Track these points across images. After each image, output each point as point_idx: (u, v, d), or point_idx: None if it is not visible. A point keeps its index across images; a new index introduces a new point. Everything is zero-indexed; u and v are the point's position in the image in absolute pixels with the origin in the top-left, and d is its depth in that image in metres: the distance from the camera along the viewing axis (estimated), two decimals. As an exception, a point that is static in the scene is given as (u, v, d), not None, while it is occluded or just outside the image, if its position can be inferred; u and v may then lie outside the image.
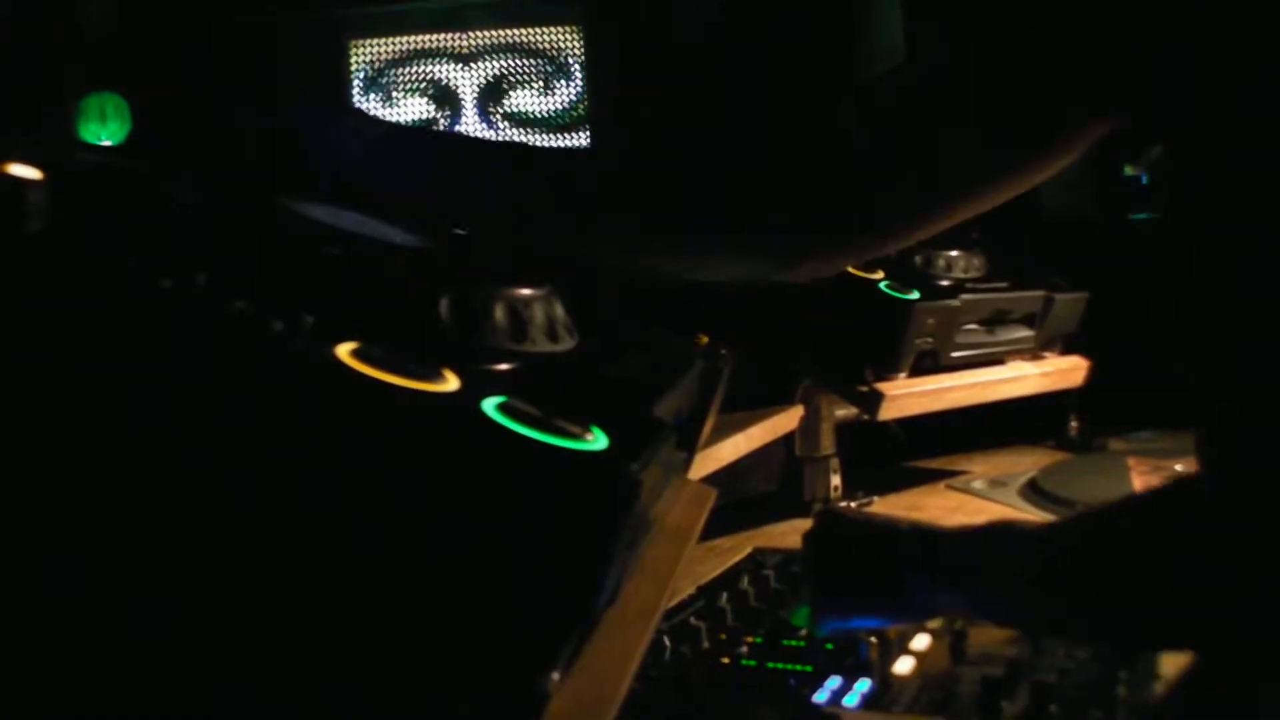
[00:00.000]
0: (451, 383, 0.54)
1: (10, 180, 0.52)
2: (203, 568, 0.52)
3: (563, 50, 4.44)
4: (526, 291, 0.72)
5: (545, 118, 4.38)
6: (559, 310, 0.76)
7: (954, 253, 1.74)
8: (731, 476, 1.44)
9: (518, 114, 4.37)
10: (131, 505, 0.51)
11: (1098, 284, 1.98)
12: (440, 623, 0.52)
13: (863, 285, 1.60)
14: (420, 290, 0.66)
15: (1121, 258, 2.41)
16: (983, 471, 1.93)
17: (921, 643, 1.11)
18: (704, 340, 1.00)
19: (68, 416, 0.51)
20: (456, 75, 4.34)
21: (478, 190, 0.97)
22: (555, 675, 0.54)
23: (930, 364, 1.70)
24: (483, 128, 4.40)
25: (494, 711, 0.53)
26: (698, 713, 1.01)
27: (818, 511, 1.13)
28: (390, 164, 0.97)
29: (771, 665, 1.08)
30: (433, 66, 4.34)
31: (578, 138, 4.44)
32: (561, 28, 4.47)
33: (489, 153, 0.99)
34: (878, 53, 3.20)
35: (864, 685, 1.02)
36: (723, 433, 1.40)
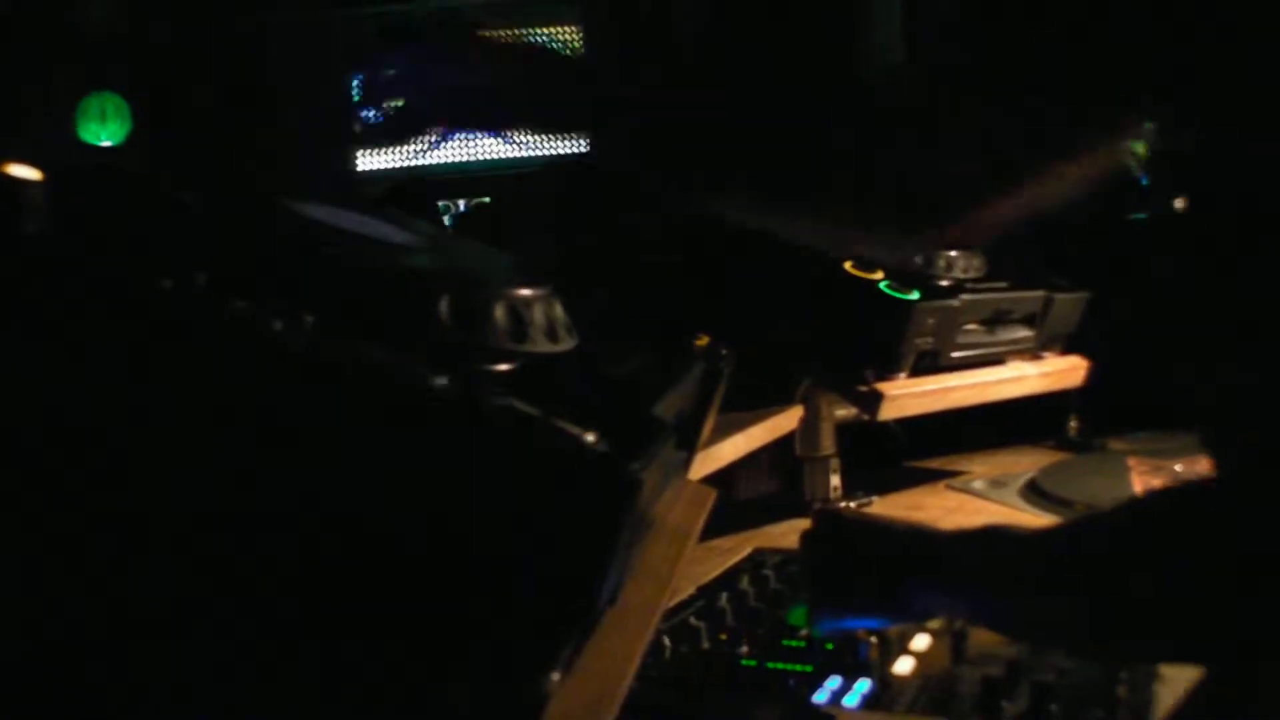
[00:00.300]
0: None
1: (10, 180, 0.52)
2: (201, 567, 0.52)
3: (562, 50, 4.44)
4: (526, 292, 0.72)
5: (545, 118, 4.38)
6: (559, 310, 0.76)
7: (954, 253, 1.74)
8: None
9: (517, 114, 4.36)
10: (131, 505, 0.51)
11: (1098, 284, 1.98)
12: (441, 622, 0.52)
13: (863, 285, 1.60)
14: (421, 290, 0.66)
15: (1121, 258, 2.41)
16: (983, 471, 1.93)
17: (921, 643, 1.11)
18: (704, 340, 1.00)
19: (68, 416, 0.51)
20: (455, 75, 4.34)
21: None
22: (555, 675, 0.54)
23: (930, 364, 1.69)
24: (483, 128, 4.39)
25: (494, 711, 0.53)
26: (698, 713, 1.01)
27: (816, 512, 1.13)
28: None
29: (771, 665, 1.08)
30: (432, 66, 4.34)
31: (578, 139, 4.44)
32: (561, 28, 4.47)
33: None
34: (878, 53, 3.20)
35: (864, 685, 1.02)
36: (723, 433, 1.40)
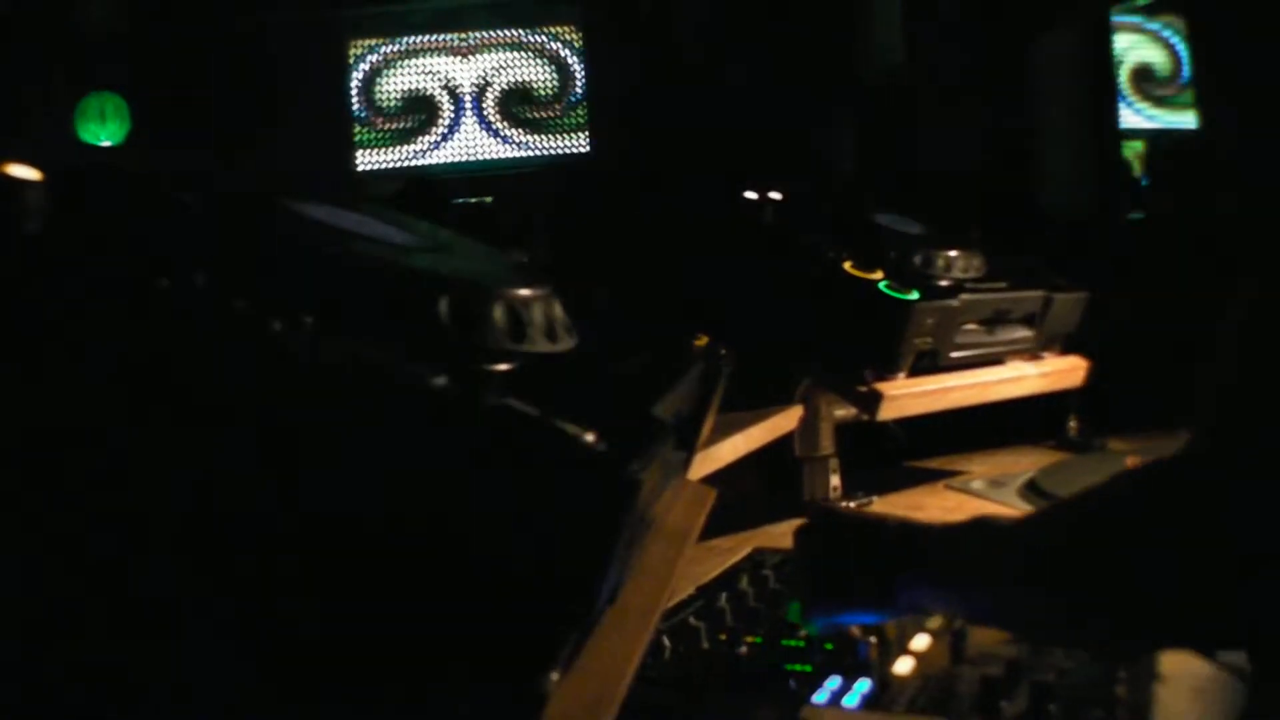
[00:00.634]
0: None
1: (10, 180, 0.52)
2: (200, 567, 0.52)
3: (563, 50, 4.44)
4: (526, 292, 0.72)
5: (545, 119, 4.38)
6: (558, 310, 0.76)
7: (954, 253, 1.74)
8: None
9: (517, 115, 4.37)
10: (131, 505, 0.51)
11: (1098, 284, 1.98)
12: (440, 622, 0.52)
13: (862, 285, 1.60)
14: (421, 290, 0.66)
15: (1121, 258, 2.42)
16: (982, 471, 1.93)
17: (921, 643, 1.11)
18: (704, 340, 1.00)
19: (67, 416, 0.51)
20: (456, 75, 4.35)
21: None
22: (555, 675, 0.54)
23: (930, 364, 1.69)
24: (482, 127, 4.39)
25: (494, 711, 0.53)
26: (698, 713, 1.01)
27: (809, 508, 1.13)
28: None
29: (771, 665, 1.08)
30: (433, 67, 4.34)
31: (578, 140, 4.44)
32: (562, 28, 4.46)
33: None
34: (878, 53, 3.20)
35: (864, 685, 1.02)
36: (723, 433, 1.40)
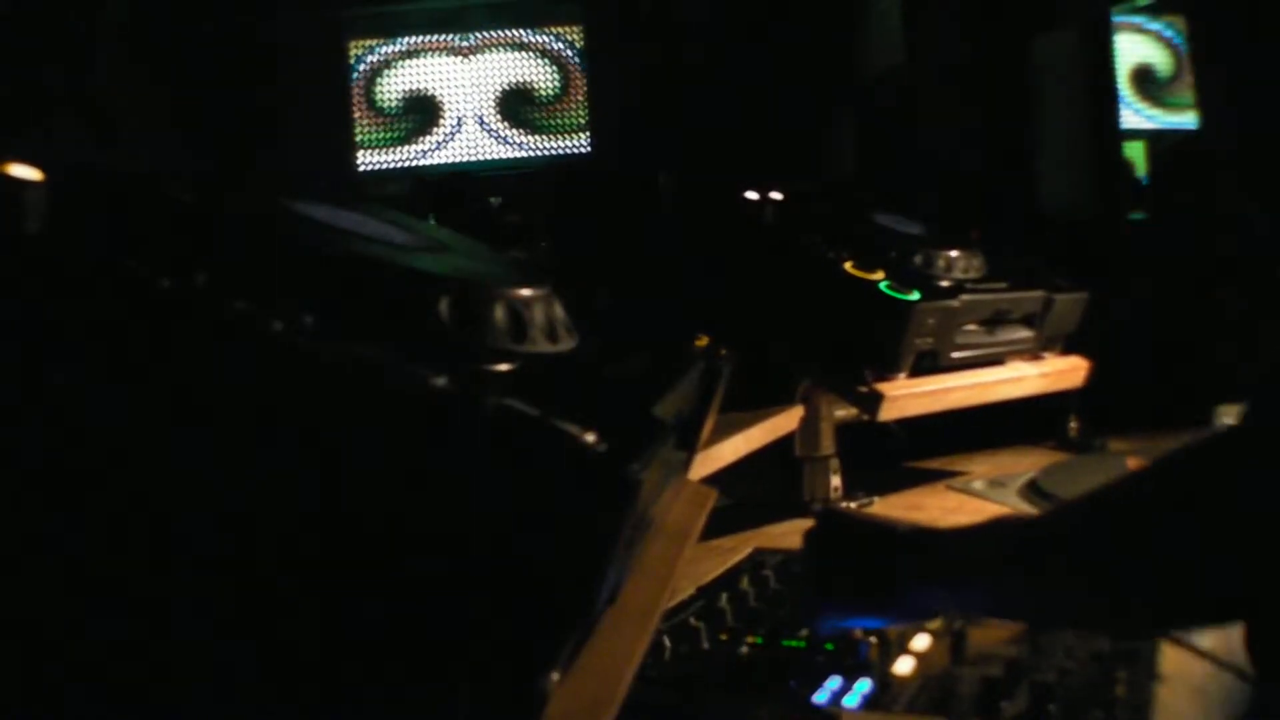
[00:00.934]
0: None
1: (10, 180, 0.52)
2: (199, 567, 0.52)
3: (564, 51, 4.44)
4: (526, 292, 0.72)
5: (546, 119, 4.39)
6: (559, 310, 0.76)
7: (954, 253, 1.74)
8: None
9: (519, 115, 4.37)
10: (131, 504, 0.51)
11: (1098, 284, 1.99)
12: (440, 622, 0.52)
13: (863, 285, 1.60)
14: (421, 290, 0.66)
15: (1121, 258, 2.42)
16: (983, 472, 1.93)
17: (921, 643, 1.11)
18: (704, 340, 1.00)
19: (67, 416, 0.51)
20: (457, 76, 4.35)
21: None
22: (555, 675, 0.54)
23: (930, 364, 1.69)
24: (483, 127, 4.39)
25: (494, 711, 0.53)
26: (698, 713, 1.01)
27: (818, 511, 1.13)
28: None
29: (771, 665, 1.08)
30: (433, 67, 4.35)
31: (579, 140, 4.44)
32: (563, 28, 4.46)
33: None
34: (878, 53, 3.20)
35: (864, 685, 1.02)
36: (723, 433, 1.40)
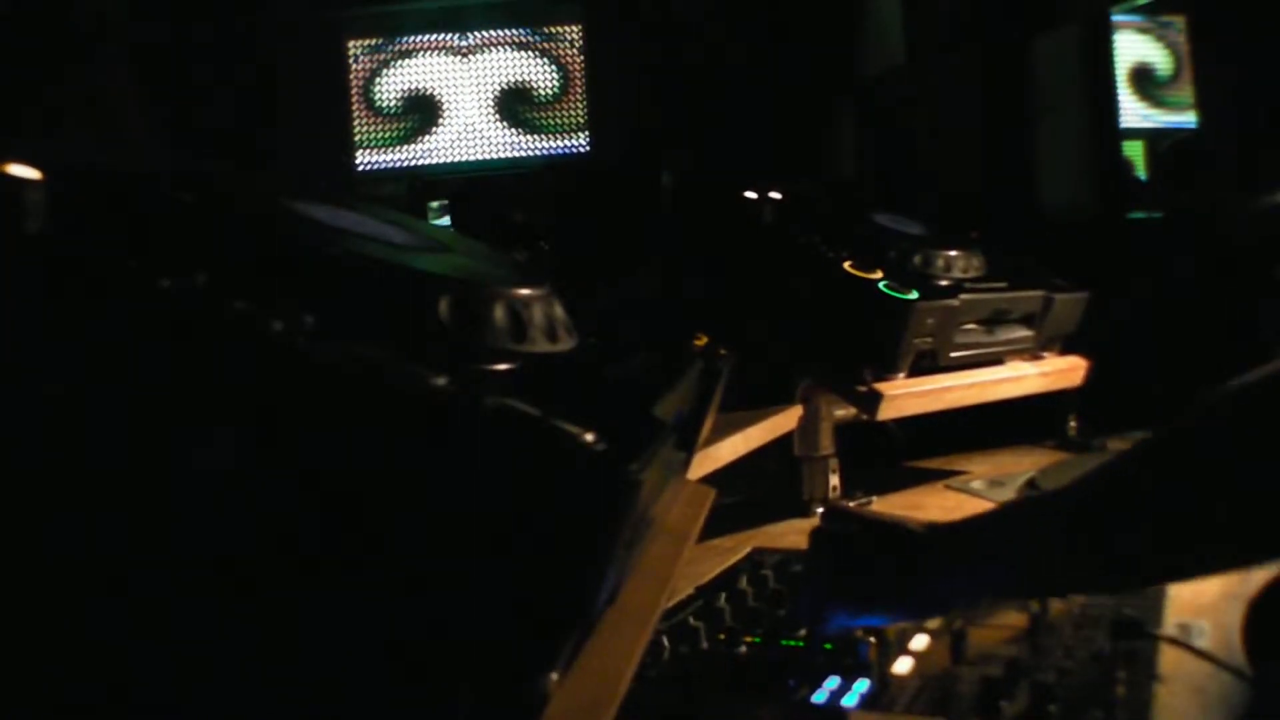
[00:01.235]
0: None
1: (10, 180, 0.52)
2: (198, 567, 0.52)
3: (564, 50, 4.44)
4: (526, 292, 0.72)
5: (546, 119, 4.38)
6: (558, 310, 0.76)
7: (953, 252, 1.74)
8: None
9: (518, 115, 4.37)
10: (130, 505, 0.51)
11: (1098, 284, 1.99)
12: (439, 623, 0.52)
13: (862, 285, 1.60)
14: (421, 290, 0.66)
15: (1121, 258, 2.42)
16: (982, 471, 1.93)
17: (921, 643, 1.11)
18: (704, 340, 1.00)
19: (68, 415, 0.51)
20: (457, 75, 4.35)
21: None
22: (554, 675, 0.54)
23: (929, 364, 1.69)
24: (481, 127, 4.40)
25: (494, 711, 0.53)
26: (697, 713, 1.02)
27: (824, 509, 1.13)
28: None
29: (771, 665, 1.08)
30: (433, 66, 4.34)
31: (579, 140, 4.44)
32: (563, 28, 4.46)
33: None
34: (878, 53, 3.20)
35: (863, 685, 1.02)
36: (722, 433, 1.40)
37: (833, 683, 1.02)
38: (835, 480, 1.78)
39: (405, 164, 4.35)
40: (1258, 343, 1.92)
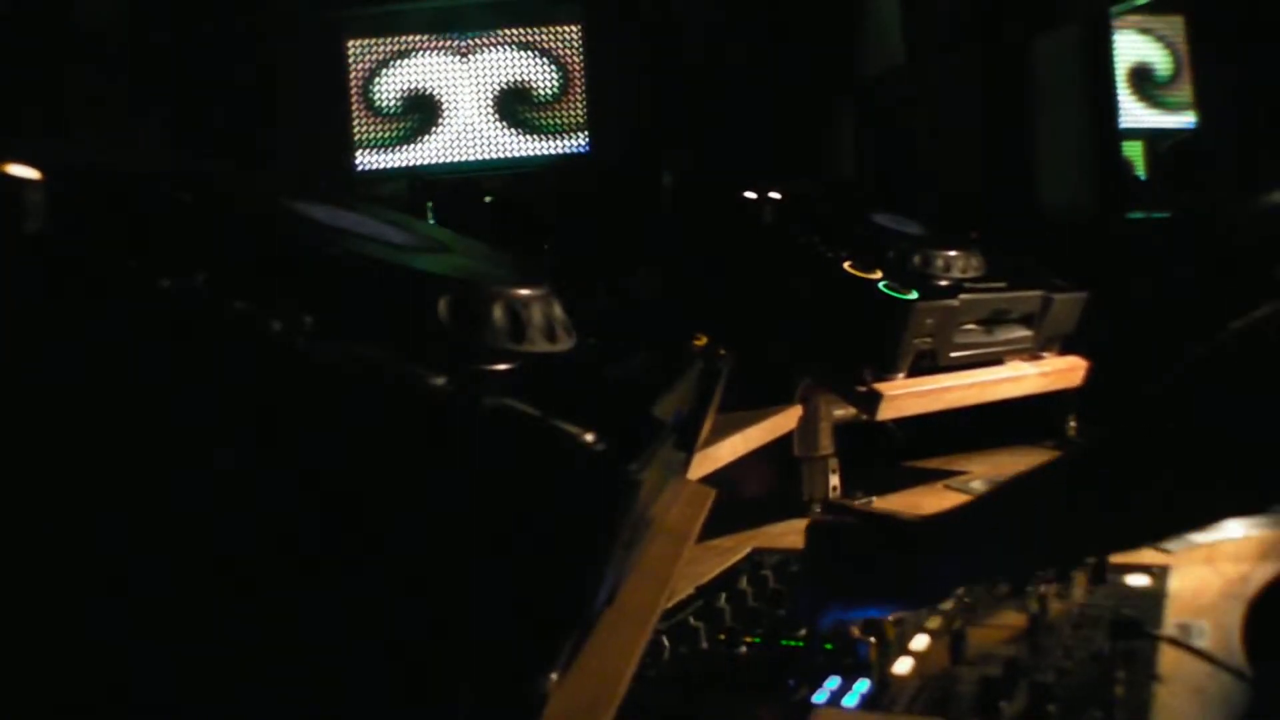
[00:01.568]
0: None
1: (10, 180, 0.52)
2: (199, 567, 0.52)
3: (564, 50, 4.44)
4: (525, 292, 0.72)
5: (546, 118, 4.38)
6: (558, 310, 0.76)
7: (953, 252, 1.74)
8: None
9: (518, 115, 4.37)
10: (129, 504, 0.51)
11: (1098, 284, 1.99)
12: (439, 623, 0.52)
13: (862, 285, 1.60)
14: (420, 290, 0.66)
15: (1121, 258, 2.42)
16: (982, 472, 1.93)
17: (921, 643, 1.11)
18: (703, 340, 1.00)
19: (68, 415, 0.51)
20: (456, 75, 4.35)
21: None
22: (554, 675, 0.54)
23: (929, 364, 1.69)
24: (481, 127, 4.40)
25: (494, 711, 0.53)
26: (697, 713, 1.02)
27: (820, 504, 1.13)
28: None
29: (770, 665, 1.08)
30: (433, 66, 4.34)
31: (579, 140, 4.44)
32: (563, 28, 4.46)
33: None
34: (878, 53, 3.20)
35: (863, 685, 1.02)
36: (722, 433, 1.40)
37: (833, 683, 1.02)
38: (835, 480, 1.78)
39: (405, 164, 4.34)
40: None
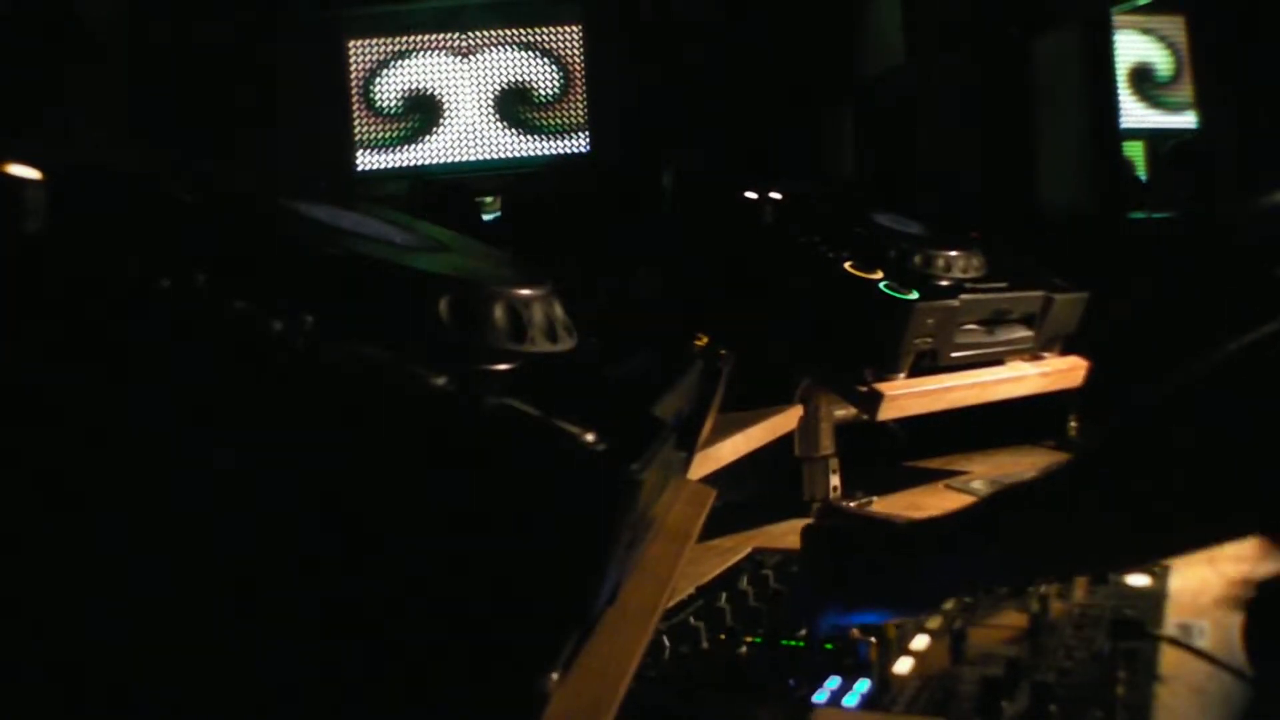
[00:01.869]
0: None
1: (10, 180, 0.52)
2: (199, 567, 0.52)
3: (564, 50, 4.44)
4: (526, 291, 0.72)
5: (546, 118, 4.38)
6: (558, 310, 0.76)
7: (953, 252, 1.74)
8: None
9: (518, 115, 4.37)
10: (129, 504, 0.51)
11: (1098, 284, 1.99)
12: (440, 623, 0.52)
13: (862, 285, 1.60)
14: (421, 290, 0.66)
15: (1121, 258, 2.42)
16: (982, 471, 1.93)
17: (921, 643, 1.11)
18: (704, 340, 1.00)
19: (68, 415, 0.51)
20: (457, 75, 4.34)
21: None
22: (554, 675, 0.54)
23: (930, 364, 1.69)
24: (482, 127, 4.40)
25: (494, 711, 0.53)
26: (697, 713, 1.01)
27: (817, 507, 1.13)
28: None
29: (771, 665, 1.08)
30: (433, 66, 4.34)
31: (579, 140, 4.44)
32: (563, 28, 4.46)
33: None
34: (878, 53, 3.20)
35: (863, 685, 1.02)
36: (723, 433, 1.40)
37: (833, 683, 1.02)
38: (835, 480, 1.78)
39: (405, 164, 4.35)
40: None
